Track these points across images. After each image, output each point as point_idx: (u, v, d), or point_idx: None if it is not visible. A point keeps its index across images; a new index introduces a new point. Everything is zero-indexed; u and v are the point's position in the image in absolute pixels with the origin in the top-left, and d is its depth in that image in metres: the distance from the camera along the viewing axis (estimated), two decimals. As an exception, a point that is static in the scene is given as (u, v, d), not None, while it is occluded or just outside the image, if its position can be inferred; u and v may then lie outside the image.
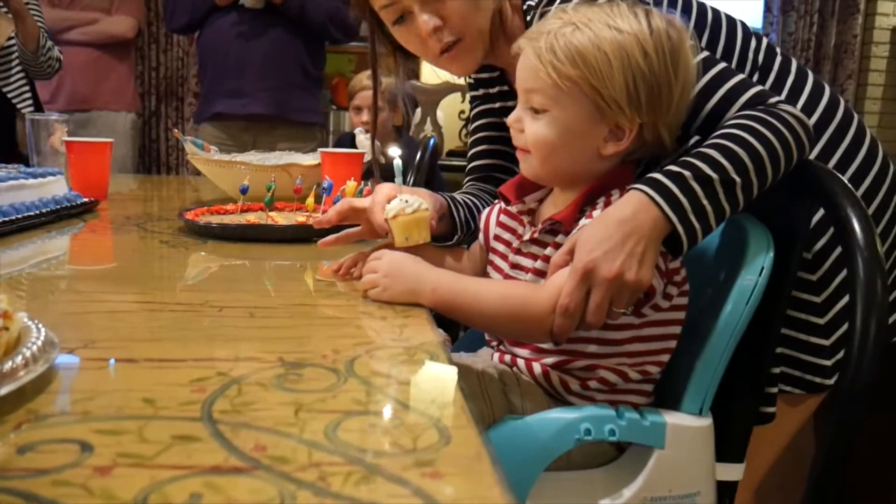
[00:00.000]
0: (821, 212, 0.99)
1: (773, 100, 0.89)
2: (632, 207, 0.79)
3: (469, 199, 1.11)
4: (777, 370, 1.02)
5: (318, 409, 0.49)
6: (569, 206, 0.86)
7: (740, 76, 0.91)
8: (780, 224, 0.89)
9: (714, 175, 0.80)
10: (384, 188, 0.96)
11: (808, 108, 1.05)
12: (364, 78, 2.73)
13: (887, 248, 1.07)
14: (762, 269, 0.84)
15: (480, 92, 1.23)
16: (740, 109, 0.88)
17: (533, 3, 1.03)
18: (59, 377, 0.53)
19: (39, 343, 0.51)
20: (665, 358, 0.87)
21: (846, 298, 1.02)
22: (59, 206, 1.27)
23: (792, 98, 1.06)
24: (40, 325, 0.55)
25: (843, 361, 0.79)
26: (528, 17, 1.03)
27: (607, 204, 0.83)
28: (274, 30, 2.47)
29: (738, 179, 0.81)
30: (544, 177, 0.90)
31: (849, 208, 0.81)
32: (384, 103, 2.60)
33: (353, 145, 2.68)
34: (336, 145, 2.79)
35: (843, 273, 1.02)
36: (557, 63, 0.81)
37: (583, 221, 0.83)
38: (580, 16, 0.83)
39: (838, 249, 1.01)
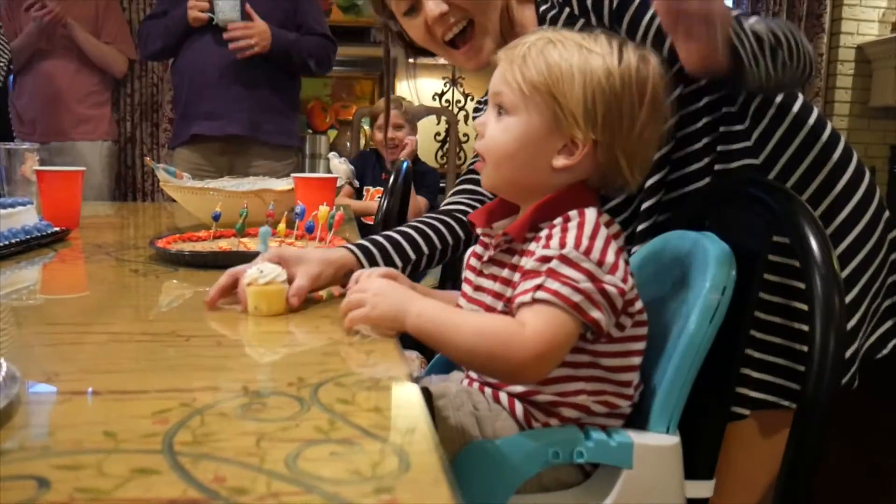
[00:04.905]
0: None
1: None
2: None
3: (413, 229, 1.14)
4: (772, 379, 1.03)
5: (279, 438, 0.49)
6: (520, 218, 0.87)
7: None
8: (741, 242, 0.90)
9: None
10: (270, 253, 0.95)
11: (780, 116, 1.09)
12: (380, 103, 3.09)
13: (863, 258, 1.10)
14: (724, 287, 0.85)
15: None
16: None
17: None
18: (20, 411, 0.53)
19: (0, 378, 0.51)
20: (629, 391, 0.86)
21: None
22: (29, 236, 1.26)
23: (765, 106, 1.09)
24: (1, 359, 0.54)
25: (804, 375, 0.81)
26: (540, 10, 1.08)
27: (564, 228, 0.81)
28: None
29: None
30: (498, 184, 0.90)
31: (806, 227, 0.83)
32: (405, 122, 2.99)
33: (378, 162, 2.96)
34: (356, 163, 2.96)
35: None
36: (525, 69, 0.84)
37: (533, 246, 0.82)
38: (558, 34, 0.87)
39: None
